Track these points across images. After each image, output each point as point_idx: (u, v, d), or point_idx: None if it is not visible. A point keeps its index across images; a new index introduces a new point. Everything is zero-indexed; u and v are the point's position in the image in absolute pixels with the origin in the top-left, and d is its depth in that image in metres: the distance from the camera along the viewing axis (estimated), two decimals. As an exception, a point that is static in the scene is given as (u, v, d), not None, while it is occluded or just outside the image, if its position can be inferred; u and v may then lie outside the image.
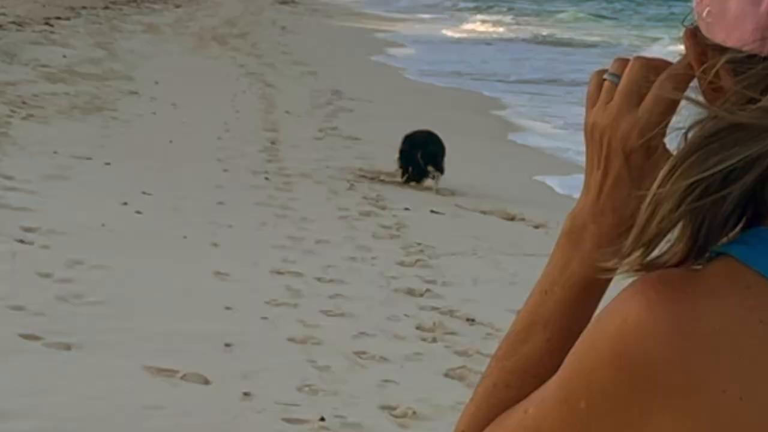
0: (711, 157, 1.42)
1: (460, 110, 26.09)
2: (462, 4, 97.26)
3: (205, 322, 9.26)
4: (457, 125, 22.99)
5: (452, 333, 9.85)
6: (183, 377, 7.98)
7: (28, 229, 11.03)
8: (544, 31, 62.99)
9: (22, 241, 10.66)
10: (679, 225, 1.45)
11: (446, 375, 8.81)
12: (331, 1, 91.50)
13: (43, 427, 6.87)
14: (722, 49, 1.51)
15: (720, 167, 1.41)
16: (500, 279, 11.91)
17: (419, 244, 12.90)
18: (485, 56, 45.91)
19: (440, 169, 15.47)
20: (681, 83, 1.60)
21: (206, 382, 7.98)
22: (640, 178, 1.58)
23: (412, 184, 16.02)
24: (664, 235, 1.46)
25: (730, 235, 1.48)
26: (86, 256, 10.44)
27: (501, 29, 65.52)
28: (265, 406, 7.71)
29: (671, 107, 1.59)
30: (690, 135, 1.47)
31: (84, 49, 29.96)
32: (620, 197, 1.62)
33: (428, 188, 15.44)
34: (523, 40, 57.97)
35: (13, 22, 33.54)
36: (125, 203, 12.98)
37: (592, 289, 1.69)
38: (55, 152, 15.19)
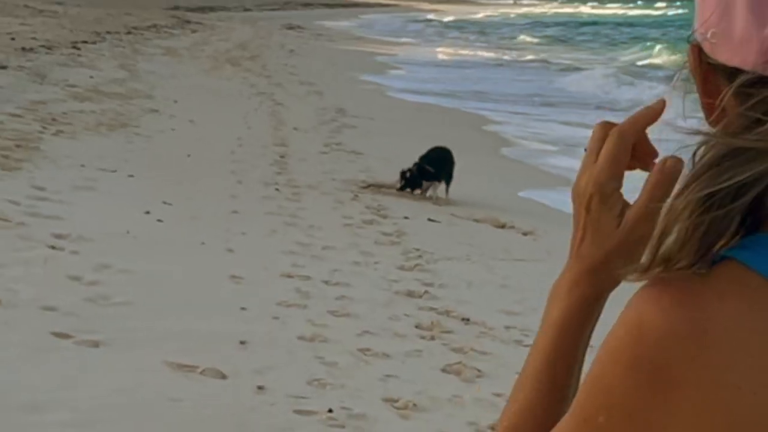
0: (723, 173, 1.43)
1: (455, 127, 26.07)
2: (454, 32, 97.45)
3: (221, 322, 9.29)
4: (452, 141, 22.80)
5: (448, 332, 9.86)
6: (202, 372, 7.99)
7: (59, 236, 11.03)
8: (530, 56, 63.23)
9: (53, 247, 10.66)
10: (690, 232, 1.46)
11: (443, 370, 8.82)
12: (333, 26, 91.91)
13: (74, 418, 6.86)
14: (725, 68, 1.51)
15: (731, 182, 1.42)
16: (492, 282, 11.93)
17: (418, 249, 12.93)
18: (479, 77, 45.96)
19: (437, 177, 15.49)
20: (627, 137, 1.65)
21: (223, 376, 7.98)
22: (598, 223, 1.64)
23: (409, 191, 16.16)
24: (682, 246, 1.46)
25: (731, 241, 1.48)
26: (112, 261, 10.44)
27: (492, 54, 65.68)
28: (277, 399, 7.71)
29: (619, 159, 1.65)
30: (698, 155, 1.47)
31: (108, 70, 29.98)
32: (586, 247, 1.66)
33: (427, 198, 15.38)
34: (511, 62, 58.11)
35: (43, 46, 33.54)
36: (147, 212, 12.99)
37: (569, 329, 1.73)
38: (82, 165, 15.20)
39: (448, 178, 16.01)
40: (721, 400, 1.40)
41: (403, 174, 16.04)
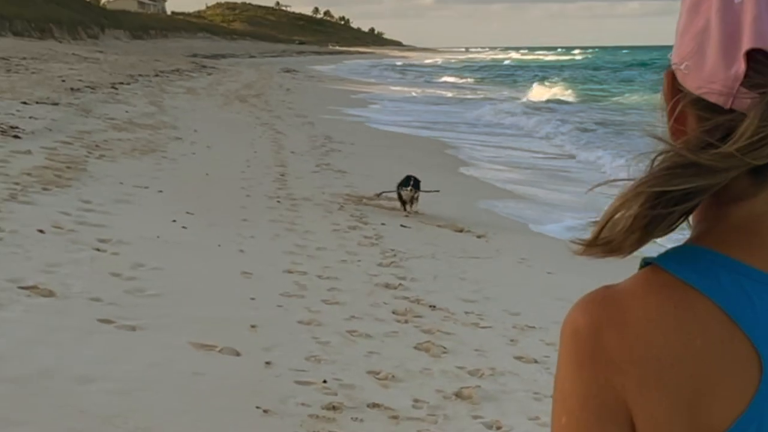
0: (677, 178, 1.41)
1: (421, 151, 26.30)
2: (417, 73, 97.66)
3: (235, 309, 9.24)
4: (419, 162, 23.07)
5: (419, 316, 9.82)
6: (220, 351, 7.93)
7: (103, 240, 10.97)
8: (483, 93, 63.64)
9: (98, 249, 10.61)
10: (635, 222, 1.44)
11: (415, 348, 8.76)
12: (322, 70, 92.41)
13: (117, 388, 6.81)
14: (691, 95, 1.48)
15: (681, 187, 1.40)
16: (453, 275, 11.88)
17: (393, 250, 12.88)
18: (447, 111, 46.37)
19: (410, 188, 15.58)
20: None
21: (237, 354, 7.93)
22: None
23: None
24: (624, 233, 1.45)
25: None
26: (146, 260, 10.39)
27: (452, 93, 66.12)
28: (282, 372, 7.66)
29: None
30: (657, 161, 1.45)
31: (140, 106, 30.11)
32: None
33: (399, 209, 15.31)
34: (470, 99, 58.50)
35: (88, 86, 33.67)
36: (174, 221, 12.94)
37: None
38: (121, 183, 15.15)
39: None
40: (651, 370, 1.42)
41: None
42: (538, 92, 61.78)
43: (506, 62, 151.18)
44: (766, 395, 1.41)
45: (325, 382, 7.57)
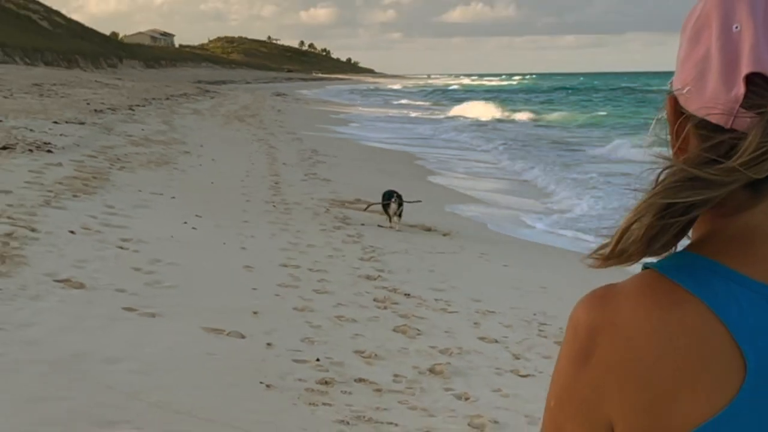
0: (684, 191, 1.35)
1: (394, 162, 26.43)
2: (387, 96, 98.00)
3: (239, 299, 9.15)
4: (392, 171, 23.15)
5: (396, 303, 9.78)
6: (228, 334, 7.86)
7: (125, 240, 10.88)
8: (437, 113, 63.86)
9: (121, 247, 10.52)
10: (645, 231, 1.38)
11: (394, 330, 8.72)
12: (308, 93, 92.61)
13: (140, 367, 6.74)
14: (693, 117, 1.42)
15: (688, 200, 1.35)
16: (423, 269, 11.87)
17: (372, 246, 12.83)
18: (411, 128, 46.79)
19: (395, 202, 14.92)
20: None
21: (242, 336, 7.86)
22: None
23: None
24: (635, 242, 1.39)
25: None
26: (162, 257, 10.31)
27: (415, 113, 66.41)
28: (281, 352, 7.60)
29: None
30: (663, 175, 1.39)
31: (154, 125, 30.12)
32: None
33: (389, 222, 15.03)
34: (427, 118, 58.77)
35: (109, 108, 33.78)
36: (185, 222, 12.86)
37: None
38: (139, 190, 15.07)
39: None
40: (630, 371, 1.36)
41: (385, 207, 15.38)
42: (479, 112, 62.69)
43: (453, 87, 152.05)
44: (747, 396, 1.34)
45: (318, 360, 7.52)
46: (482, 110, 64.86)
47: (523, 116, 61.33)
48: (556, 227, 16.78)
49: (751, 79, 1.34)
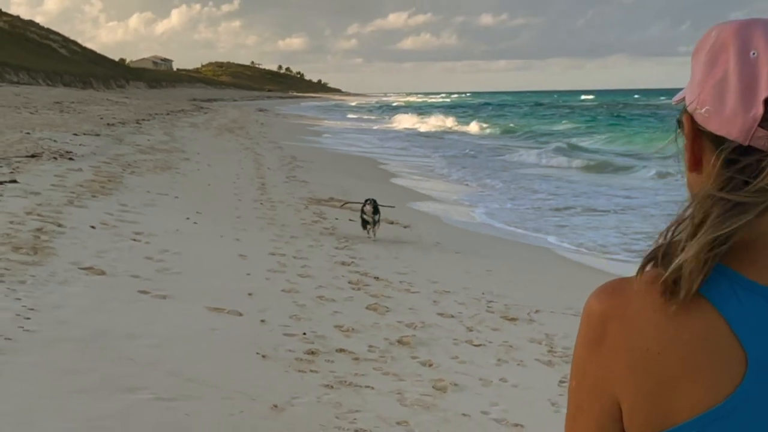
0: (727, 221, 1.28)
1: (361, 166, 26.35)
2: (355, 111, 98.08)
3: (236, 282, 9.05)
4: (359, 174, 23.05)
5: (367, 285, 9.71)
6: (227, 312, 7.77)
7: (137, 233, 10.74)
8: (388, 125, 63.82)
9: (134, 240, 10.38)
10: (704, 269, 1.30)
11: (367, 308, 8.65)
12: (285, 109, 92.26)
13: (154, 342, 6.64)
14: (711, 135, 1.35)
15: (732, 228, 1.28)
16: (388, 256, 11.80)
17: (345, 237, 12.75)
18: (376, 138, 46.85)
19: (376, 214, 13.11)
20: None
21: (239, 314, 7.77)
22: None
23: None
24: (699, 279, 1.30)
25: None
26: (170, 247, 10.18)
27: (367, 125, 66.45)
28: (273, 327, 7.52)
29: None
30: (696, 206, 1.32)
31: (158, 135, 29.94)
32: None
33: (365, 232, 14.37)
34: (381, 129, 58.78)
35: (120, 122, 33.77)
36: (188, 218, 12.71)
37: None
38: (147, 191, 14.92)
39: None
40: (637, 358, 1.32)
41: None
42: (412, 122, 63.52)
43: (398, 103, 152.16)
44: (747, 390, 1.28)
45: (304, 334, 7.44)
46: (416, 121, 65.76)
47: (451, 127, 61.54)
48: (494, 220, 16.82)
49: None
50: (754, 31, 1.34)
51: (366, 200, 12.99)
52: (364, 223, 12.98)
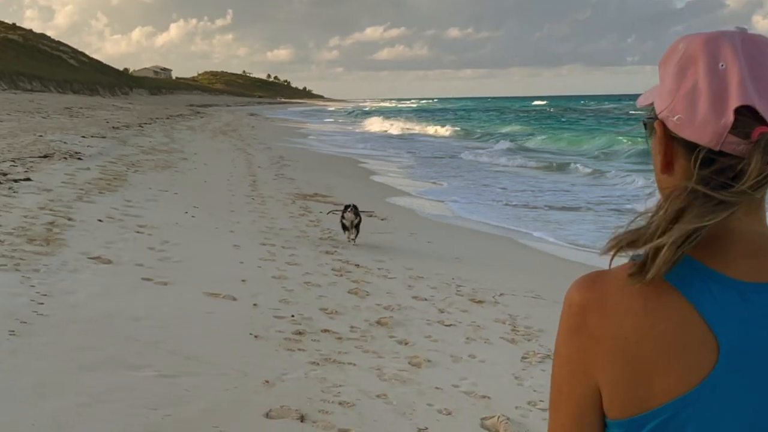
0: (708, 215, 1.26)
1: (343, 165, 26.26)
2: (335, 115, 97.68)
3: (230, 269, 8.99)
4: (341, 172, 22.96)
5: (349, 272, 9.66)
6: (223, 297, 7.71)
7: (141, 226, 10.66)
8: (362, 127, 63.54)
9: (138, 232, 10.30)
10: (675, 255, 1.27)
11: (348, 292, 8.61)
12: (274, 114, 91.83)
13: (157, 323, 6.59)
14: (684, 141, 1.32)
15: (713, 221, 1.25)
16: (368, 245, 11.76)
17: (328, 228, 12.67)
18: (357, 139, 46.68)
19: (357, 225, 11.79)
20: None
21: (234, 299, 7.71)
22: None
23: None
24: (670, 265, 1.27)
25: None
26: (170, 239, 10.10)
27: (344, 127, 66.14)
28: (264, 310, 7.46)
29: None
30: (673, 199, 1.29)
31: (159, 138, 29.77)
32: None
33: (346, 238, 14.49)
34: (374, 132, 58.59)
35: (124, 125, 33.52)
36: (186, 212, 12.62)
37: None
38: (149, 188, 14.81)
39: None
40: (616, 346, 1.28)
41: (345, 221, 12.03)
42: (382, 126, 63.31)
43: (370, 108, 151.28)
44: (719, 376, 1.26)
45: (293, 316, 7.40)
46: (386, 124, 65.68)
47: (417, 129, 61.03)
48: (461, 213, 16.81)
49: (739, 110, 1.27)
50: (722, 44, 1.32)
51: (346, 206, 11.89)
52: (345, 228, 11.86)
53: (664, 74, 1.38)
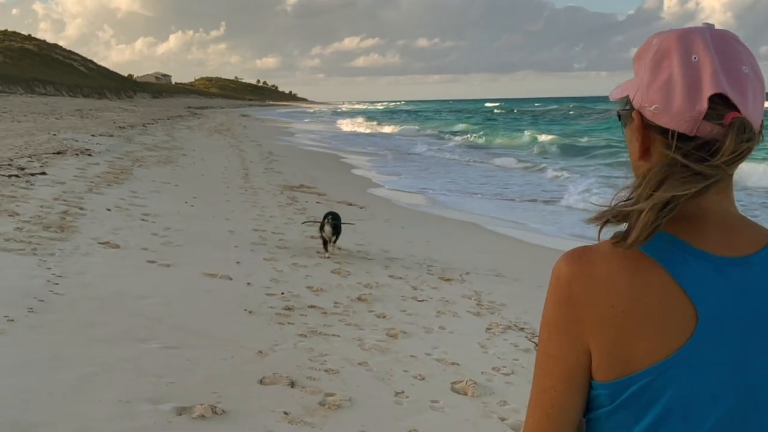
0: (686, 184, 1.23)
1: (327, 160, 26.10)
2: (319, 116, 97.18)
3: (226, 253, 8.89)
4: (325, 166, 22.84)
5: (333, 254, 9.60)
6: (220, 277, 7.62)
7: (146, 214, 10.53)
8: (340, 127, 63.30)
9: (143, 219, 10.17)
10: (656, 221, 1.24)
11: (332, 272, 8.56)
12: (264, 115, 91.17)
13: (161, 301, 6.50)
14: (660, 128, 1.29)
15: (689, 191, 1.23)
16: (350, 231, 11.62)
17: (313, 215, 12.44)
18: (339, 136, 46.41)
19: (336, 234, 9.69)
20: None
21: (230, 278, 7.63)
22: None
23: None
24: (649, 230, 1.23)
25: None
26: (172, 225, 10.00)
27: (329, 127, 65.80)
28: (257, 289, 7.39)
29: None
30: (654, 172, 1.26)
31: (160, 136, 29.42)
32: None
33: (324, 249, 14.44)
34: (355, 132, 58.33)
35: (129, 125, 33.21)
36: (186, 202, 12.49)
37: None
38: (153, 181, 14.64)
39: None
40: (604, 314, 1.25)
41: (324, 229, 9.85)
42: (354, 126, 63.06)
43: (342, 109, 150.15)
44: (698, 342, 1.24)
45: (282, 293, 7.34)
46: (357, 124, 65.44)
47: (382, 130, 60.82)
48: (430, 202, 16.78)
49: (711, 98, 1.25)
50: (694, 38, 1.29)
51: (325, 215, 9.82)
52: (324, 242, 9.69)
53: (639, 68, 1.35)
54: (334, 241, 9.72)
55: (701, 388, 1.24)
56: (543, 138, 40.07)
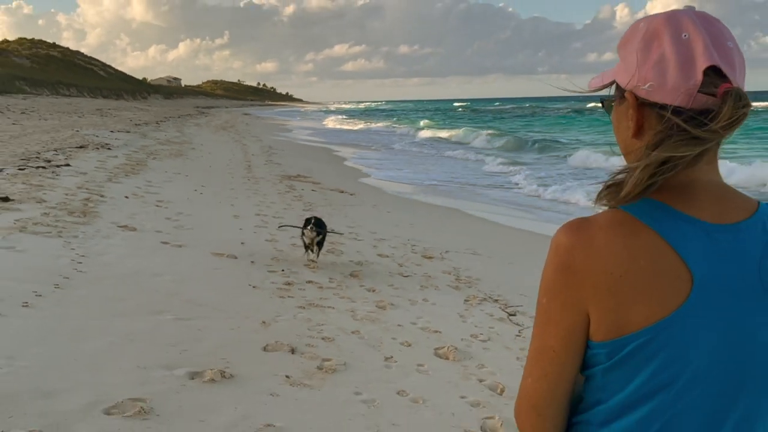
0: (682, 147, 1.15)
1: (321, 153, 25.93)
2: (314, 114, 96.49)
3: (232, 235, 8.77)
4: (320, 159, 22.68)
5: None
6: (226, 256, 7.52)
7: (160, 201, 10.38)
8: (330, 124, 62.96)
9: (157, 206, 10.02)
10: (650, 180, 1.17)
11: (327, 251, 8.44)
12: (264, 113, 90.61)
13: (174, 278, 6.38)
14: (655, 104, 1.22)
15: (687, 153, 1.15)
16: (341, 215, 11.55)
17: (309, 202, 12.43)
18: (332, 133, 46.14)
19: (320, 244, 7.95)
20: None
21: (235, 258, 7.53)
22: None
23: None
24: (642, 184, 1.17)
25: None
26: (183, 210, 9.87)
27: (323, 123, 65.38)
28: (260, 267, 7.29)
29: None
30: (652, 136, 1.18)
31: (172, 132, 29.18)
32: None
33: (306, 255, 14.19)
34: (347, 129, 57.95)
35: (144, 123, 33.04)
36: (195, 190, 12.33)
37: None
38: (165, 172, 14.46)
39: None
40: (602, 280, 1.18)
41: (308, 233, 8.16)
42: (341, 124, 62.58)
43: (330, 108, 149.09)
44: (693, 304, 1.17)
45: (282, 270, 7.25)
46: (341, 121, 64.99)
47: (367, 126, 60.60)
48: (413, 189, 16.70)
49: (705, 71, 1.19)
50: (681, 18, 1.24)
51: (307, 220, 7.88)
52: (306, 247, 7.90)
53: (626, 53, 1.28)
54: (317, 251, 7.82)
55: (696, 348, 1.18)
56: (488, 133, 40.12)
